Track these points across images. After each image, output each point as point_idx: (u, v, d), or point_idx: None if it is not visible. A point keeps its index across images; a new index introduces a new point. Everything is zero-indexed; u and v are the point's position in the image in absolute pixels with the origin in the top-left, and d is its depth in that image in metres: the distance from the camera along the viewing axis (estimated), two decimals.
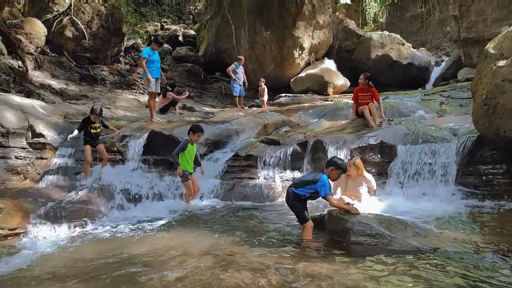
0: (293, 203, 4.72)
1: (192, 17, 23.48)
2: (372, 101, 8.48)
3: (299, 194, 4.68)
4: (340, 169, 4.69)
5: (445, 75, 15.85)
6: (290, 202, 4.77)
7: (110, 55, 16.60)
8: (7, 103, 8.66)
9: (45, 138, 8.46)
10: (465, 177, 6.62)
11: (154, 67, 9.61)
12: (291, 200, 4.73)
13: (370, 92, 8.55)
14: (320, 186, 4.56)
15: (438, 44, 21.69)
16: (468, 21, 13.89)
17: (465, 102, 10.24)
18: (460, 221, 5.37)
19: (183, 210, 6.40)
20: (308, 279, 3.45)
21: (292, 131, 9.13)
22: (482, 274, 3.54)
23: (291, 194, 4.72)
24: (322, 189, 4.56)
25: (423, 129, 7.69)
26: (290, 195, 4.74)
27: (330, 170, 4.65)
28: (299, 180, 4.94)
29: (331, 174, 4.65)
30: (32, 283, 3.76)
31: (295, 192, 4.70)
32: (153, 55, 9.61)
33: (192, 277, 3.55)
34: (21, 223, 5.53)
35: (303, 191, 4.67)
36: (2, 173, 7.42)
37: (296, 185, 4.80)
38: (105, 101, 13.01)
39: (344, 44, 17.85)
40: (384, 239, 4.28)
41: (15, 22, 14.03)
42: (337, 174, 4.71)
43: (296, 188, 4.72)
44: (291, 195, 4.72)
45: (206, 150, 8.35)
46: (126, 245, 4.76)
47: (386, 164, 7.19)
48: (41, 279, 3.84)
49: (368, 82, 8.58)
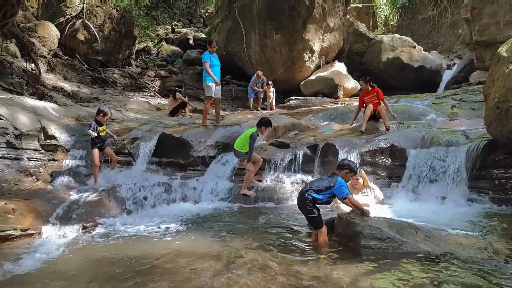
0: (311, 209, 4.61)
1: (203, 21, 23.62)
2: (379, 101, 8.51)
3: (319, 199, 4.60)
4: (353, 171, 4.74)
5: (457, 78, 15.70)
6: (307, 208, 4.62)
7: (121, 58, 16.77)
8: (21, 105, 8.79)
9: (57, 140, 8.57)
10: (477, 181, 6.53)
11: (214, 72, 9.37)
12: (309, 206, 4.60)
13: (375, 92, 8.61)
14: (337, 189, 4.53)
15: (449, 47, 21.51)
16: (481, 24, 13.74)
17: (477, 106, 10.13)
18: (472, 225, 5.30)
19: (193, 212, 6.42)
20: (318, 282, 3.44)
21: (302, 134, 9.11)
22: (494, 279, 3.49)
23: (309, 199, 4.59)
24: (340, 192, 4.53)
25: (434, 132, 7.62)
26: (308, 200, 4.59)
27: (344, 173, 4.67)
28: (316, 185, 4.71)
29: (345, 176, 4.67)
30: (44, 283, 3.79)
31: (314, 197, 4.59)
32: (213, 59, 9.39)
33: (201, 280, 3.56)
34: (33, 224, 5.59)
35: (323, 195, 4.61)
36: (15, 174, 7.53)
37: (314, 190, 4.63)
38: (116, 104, 13.14)
39: (355, 47, 17.80)
40: (394, 243, 4.24)
41: (28, 25, 14.26)
42: (350, 176, 4.76)
43: (316, 193, 4.60)
44: (309, 200, 4.59)
45: (215, 152, 8.37)
46: (135, 247, 4.78)
47: (396, 168, 7.13)
48: (53, 279, 3.88)
49: (370, 84, 8.67)
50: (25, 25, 14.20)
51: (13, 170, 7.61)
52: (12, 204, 5.81)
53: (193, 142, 8.44)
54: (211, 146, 8.46)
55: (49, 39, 14.42)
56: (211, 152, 8.35)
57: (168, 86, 16.27)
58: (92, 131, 7.22)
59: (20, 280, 3.89)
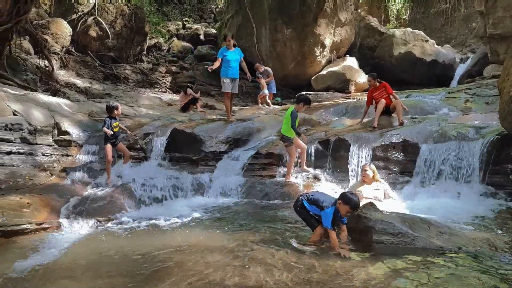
0: (300, 210, 4.60)
1: (213, 16, 23.59)
2: (388, 95, 8.49)
3: (307, 208, 4.54)
4: (348, 204, 4.20)
5: (470, 72, 15.47)
6: (297, 209, 4.65)
7: (133, 54, 16.86)
8: (35, 101, 8.91)
9: (70, 136, 8.67)
10: (491, 176, 6.45)
11: (230, 67, 9.34)
12: (298, 207, 4.62)
13: (383, 87, 8.58)
14: (325, 216, 4.31)
15: (463, 40, 21.19)
16: (495, 17, 13.50)
17: (491, 100, 9.99)
18: (486, 220, 5.25)
19: (204, 207, 6.46)
20: (329, 277, 3.44)
21: (313, 130, 9.08)
22: (509, 274, 3.46)
23: (299, 203, 4.59)
24: (324, 220, 4.32)
25: (447, 127, 7.54)
26: (298, 203, 4.61)
27: (339, 203, 4.28)
28: (313, 197, 4.59)
29: (340, 207, 4.27)
30: (59, 276, 3.86)
31: (304, 204, 4.55)
32: (228, 54, 9.36)
33: (214, 273, 3.59)
34: (48, 218, 5.69)
35: (311, 208, 4.52)
36: (29, 170, 7.64)
37: (308, 199, 4.57)
38: (128, 100, 13.24)
39: (366, 42, 17.63)
40: (406, 238, 4.22)
41: (41, 22, 14.40)
42: (345, 210, 4.24)
43: (307, 201, 4.55)
44: (299, 203, 4.59)
45: (227, 147, 8.39)
46: (149, 241, 4.83)
47: (409, 163, 7.08)
48: (68, 272, 3.95)
49: (377, 80, 8.65)
50: (38, 22, 14.34)
51: (28, 165, 7.72)
52: (27, 199, 5.92)
53: (205, 137, 8.47)
54: (222, 142, 8.49)
55: (61, 36, 14.56)
56: (222, 148, 8.38)
57: (179, 82, 16.32)
58: (106, 128, 7.29)
59: (36, 273, 3.97)
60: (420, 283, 3.28)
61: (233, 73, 9.40)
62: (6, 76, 10.85)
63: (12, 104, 8.29)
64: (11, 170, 7.44)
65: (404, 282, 3.32)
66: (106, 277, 3.76)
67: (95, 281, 3.71)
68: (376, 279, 3.39)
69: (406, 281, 3.34)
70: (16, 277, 3.89)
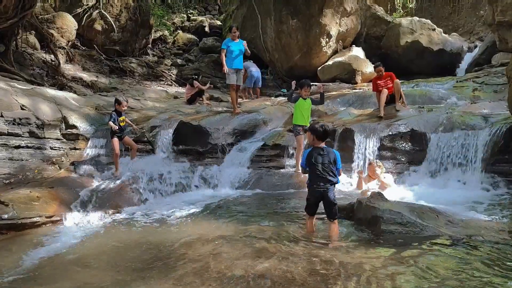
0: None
1: (218, 8, 23.45)
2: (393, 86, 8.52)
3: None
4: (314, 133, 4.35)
5: (478, 60, 15.29)
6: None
7: (138, 47, 16.84)
8: (42, 96, 8.95)
9: (78, 129, 8.71)
10: (500, 165, 6.41)
11: (233, 58, 9.32)
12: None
13: (388, 76, 8.63)
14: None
15: (471, 28, 20.93)
16: (503, 4, 13.31)
17: (500, 88, 9.89)
18: (495, 209, 5.23)
19: (212, 199, 6.47)
20: (339, 267, 3.44)
21: (320, 120, 9.05)
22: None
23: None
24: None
25: (455, 116, 7.48)
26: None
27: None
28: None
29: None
30: (68, 269, 3.90)
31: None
32: (232, 45, 9.35)
33: (224, 264, 3.60)
34: (57, 211, 5.74)
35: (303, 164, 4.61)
36: (38, 163, 7.70)
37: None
38: (134, 93, 13.25)
39: (372, 31, 17.45)
40: (415, 228, 4.21)
41: (47, 17, 14.41)
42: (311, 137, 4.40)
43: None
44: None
45: (233, 139, 8.40)
46: (158, 232, 4.87)
47: (416, 152, 7.05)
48: (77, 265, 3.98)
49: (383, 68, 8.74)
50: (44, 16, 14.35)
51: (36, 159, 7.78)
52: (36, 192, 5.97)
53: (211, 129, 8.47)
54: (229, 134, 8.49)
55: (67, 30, 14.57)
56: (229, 140, 8.38)
57: (184, 74, 16.30)
58: (112, 122, 7.32)
59: (45, 265, 4.02)
60: (430, 272, 3.27)
61: (238, 63, 9.38)
62: (13, 71, 10.89)
63: (19, 98, 8.34)
64: (20, 164, 7.51)
65: (413, 270, 3.32)
66: (118, 267, 3.80)
67: (107, 271, 3.74)
68: (385, 268, 3.39)
69: (416, 269, 3.33)
70: (29, 267, 3.95)
